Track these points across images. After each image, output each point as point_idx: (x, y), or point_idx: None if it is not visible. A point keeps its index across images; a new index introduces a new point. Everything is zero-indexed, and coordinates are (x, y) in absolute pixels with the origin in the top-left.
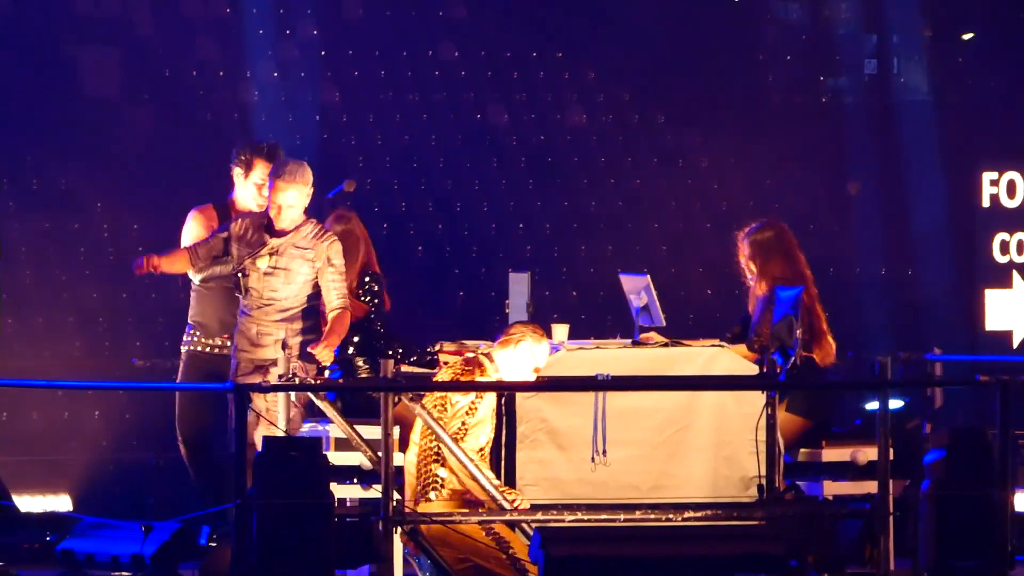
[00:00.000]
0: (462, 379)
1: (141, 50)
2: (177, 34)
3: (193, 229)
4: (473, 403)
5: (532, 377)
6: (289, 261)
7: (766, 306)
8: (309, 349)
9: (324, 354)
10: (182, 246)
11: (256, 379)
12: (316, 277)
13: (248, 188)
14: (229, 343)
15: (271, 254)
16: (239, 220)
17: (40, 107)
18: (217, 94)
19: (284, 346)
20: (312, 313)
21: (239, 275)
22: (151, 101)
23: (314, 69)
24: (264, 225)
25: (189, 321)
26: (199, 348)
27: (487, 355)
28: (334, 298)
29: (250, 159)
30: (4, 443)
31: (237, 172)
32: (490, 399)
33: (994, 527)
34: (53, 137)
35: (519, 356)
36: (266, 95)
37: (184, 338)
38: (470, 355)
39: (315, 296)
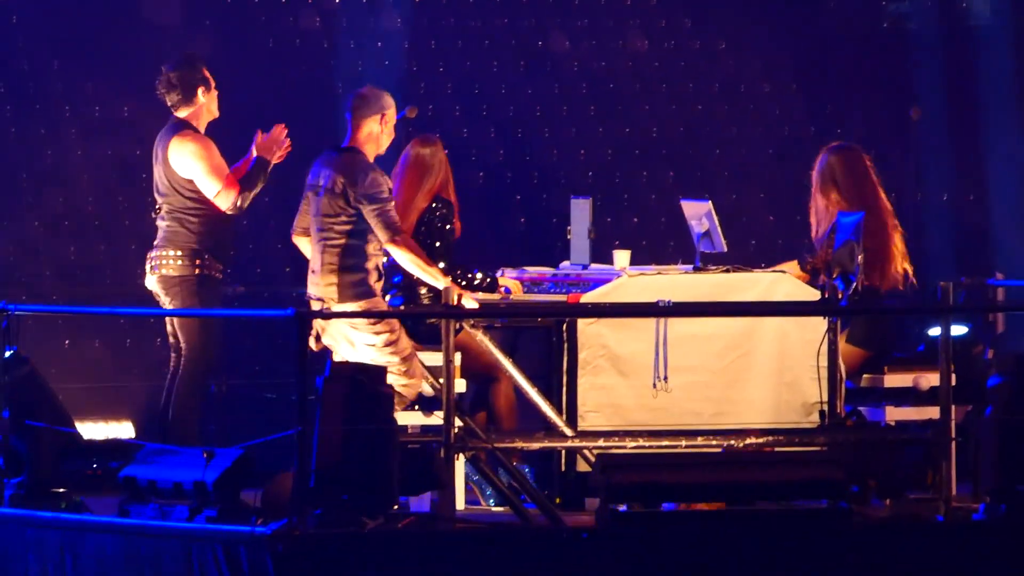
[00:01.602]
0: None
1: None
2: None
3: (217, 156)
4: None
5: None
6: None
7: (829, 231)
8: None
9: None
10: (219, 172)
11: None
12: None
13: (213, 98)
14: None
15: None
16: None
17: (100, 34)
18: (279, 20)
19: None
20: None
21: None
22: (212, 28)
23: None
24: None
25: (194, 246)
26: (213, 273)
27: None
28: None
29: (204, 70)
30: (67, 371)
31: (202, 91)
32: None
33: None
34: (113, 64)
35: None
36: (328, 21)
37: (193, 262)
38: None
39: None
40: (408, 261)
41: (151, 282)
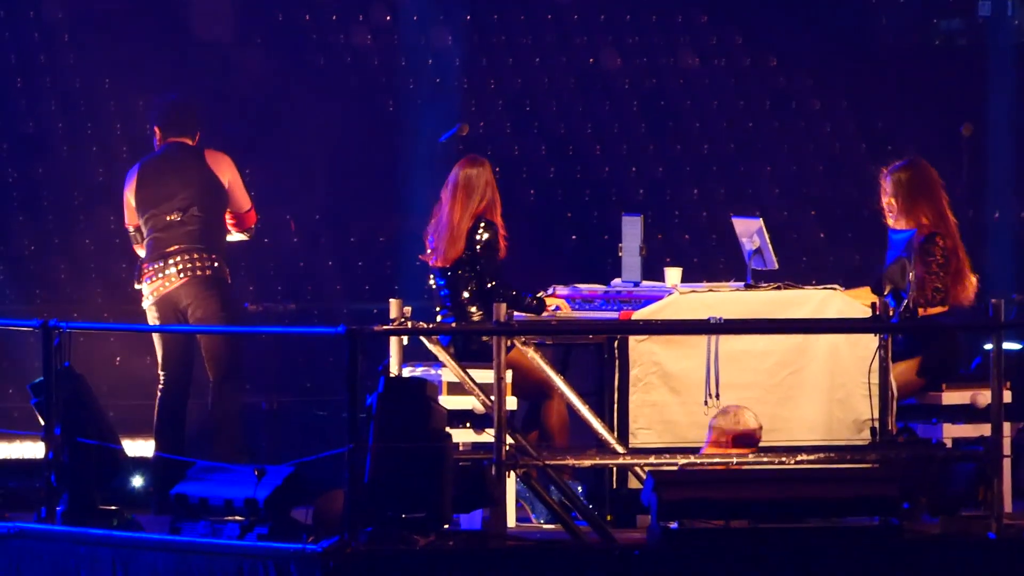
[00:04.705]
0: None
1: None
2: None
3: None
4: None
5: None
6: None
7: (910, 254)
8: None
9: None
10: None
11: None
12: None
13: None
14: None
15: None
16: None
17: (151, 52)
18: (330, 38)
19: None
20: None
21: None
22: (263, 45)
23: (426, 12)
24: None
25: (225, 249)
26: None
27: None
28: None
29: None
30: (118, 388)
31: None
32: None
33: None
34: (165, 82)
35: None
36: (379, 39)
37: (224, 271)
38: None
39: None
40: None
41: (172, 286)
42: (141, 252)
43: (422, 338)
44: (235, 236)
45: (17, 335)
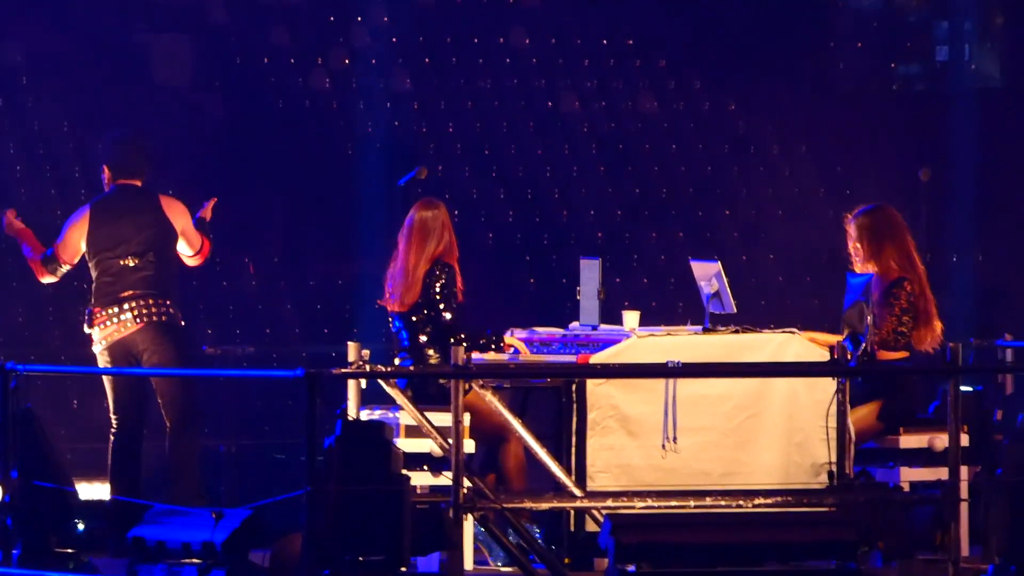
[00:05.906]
0: None
1: (212, 37)
2: (248, 21)
3: None
4: None
5: None
6: None
7: (882, 298)
8: None
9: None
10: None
11: None
12: None
13: None
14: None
15: None
16: None
17: (109, 95)
18: (288, 81)
19: None
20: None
21: None
22: (221, 89)
23: (385, 56)
24: None
25: (177, 296)
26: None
27: None
28: None
29: None
30: (76, 431)
31: None
32: None
33: None
34: (123, 125)
35: None
36: (337, 82)
37: (178, 316)
38: None
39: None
40: None
41: (127, 332)
42: (46, 280)
43: (380, 381)
44: (189, 260)
45: None
